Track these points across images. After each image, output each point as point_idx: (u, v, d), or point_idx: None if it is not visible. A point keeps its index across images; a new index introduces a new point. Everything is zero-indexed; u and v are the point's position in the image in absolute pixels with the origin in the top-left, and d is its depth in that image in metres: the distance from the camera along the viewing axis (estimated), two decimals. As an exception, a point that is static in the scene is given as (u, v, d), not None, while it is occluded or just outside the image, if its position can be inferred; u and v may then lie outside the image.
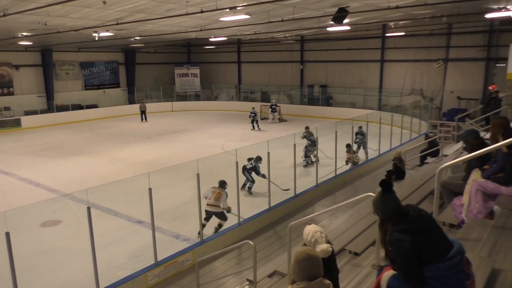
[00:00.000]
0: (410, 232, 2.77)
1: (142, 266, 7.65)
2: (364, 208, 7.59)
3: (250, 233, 9.45)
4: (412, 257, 2.73)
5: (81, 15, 14.35)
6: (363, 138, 15.82)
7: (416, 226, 2.79)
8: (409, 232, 2.77)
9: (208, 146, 18.93)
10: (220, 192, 9.54)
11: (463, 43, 23.31)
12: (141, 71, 34.86)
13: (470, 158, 4.71)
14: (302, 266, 2.66)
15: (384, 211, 2.97)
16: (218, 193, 9.52)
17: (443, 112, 23.93)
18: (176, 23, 17.90)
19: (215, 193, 9.51)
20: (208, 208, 9.43)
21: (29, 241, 9.44)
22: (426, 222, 2.83)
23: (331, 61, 29.79)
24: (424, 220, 2.83)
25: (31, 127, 25.56)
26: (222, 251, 7.87)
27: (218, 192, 9.53)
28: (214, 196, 9.47)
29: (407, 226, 2.79)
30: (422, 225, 2.80)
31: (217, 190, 9.56)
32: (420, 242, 2.73)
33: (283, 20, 16.04)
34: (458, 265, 2.71)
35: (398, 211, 2.90)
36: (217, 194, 9.49)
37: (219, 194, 9.51)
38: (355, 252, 5.41)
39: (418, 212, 2.86)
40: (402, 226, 2.81)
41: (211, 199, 9.45)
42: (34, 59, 28.41)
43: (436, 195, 4.44)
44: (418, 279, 2.74)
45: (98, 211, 10.56)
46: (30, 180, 14.35)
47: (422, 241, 2.74)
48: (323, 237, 3.67)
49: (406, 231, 2.78)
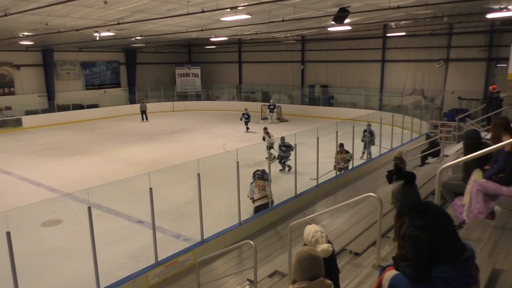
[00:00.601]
0: (427, 229, 2.74)
1: (142, 266, 7.65)
2: (365, 208, 7.58)
3: (251, 233, 9.43)
4: (425, 254, 2.71)
5: (82, 15, 14.35)
6: (370, 137, 15.82)
7: (433, 224, 2.76)
8: (426, 229, 2.74)
9: (209, 146, 18.93)
10: (264, 184, 9.68)
11: (464, 43, 23.29)
12: (142, 71, 34.88)
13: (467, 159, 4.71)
14: (303, 266, 2.65)
15: (403, 204, 2.94)
16: (263, 185, 9.66)
17: (444, 112, 23.90)
18: (177, 23, 17.90)
19: (259, 185, 9.62)
20: (260, 202, 9.56)
21: (30, 240, 9.44)
22: (444, 221, 2.81)
23: (332, 61, 29.78)
24: (443, 219, 2.81)
25: (32, 127, 25.59)
26: (222, 251, 7.86)
27: (263, 184, 9.67)
28: (261, 188, 9.57)
29: (425, 222, 2.76)
30: (439, 224, 2.78)
31: (260, 183, 9.69)
32: (436, 240, 2.71)
33: (284, 20, 16.03)
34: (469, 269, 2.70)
35: (417, 206, 2.86)
36: (263, 186, 9.62)
37: (264, 185, 9.64)
38: (356, 252, 5.41)
39: (437, 210, 2.83)
40: (419, 222, 2.78)
41: (260, 193, 9.53)
42: (35, 59, 28.44)
43: (436, 195, 4.43)
44: (426, 277, 2.73)
45: (98, 211, 10.56)
46: (31, 180, 14.36)
47: (437, 240, 2.72)
48: (324, 237, 3.67)
49: (423, 227, 2.75)
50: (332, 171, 13.07)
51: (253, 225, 9.72)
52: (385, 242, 5.23)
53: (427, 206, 2.87)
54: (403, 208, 2.93)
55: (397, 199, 2.98)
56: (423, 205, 2.89)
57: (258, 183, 9.78)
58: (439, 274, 2.69)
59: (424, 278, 2.73)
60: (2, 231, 5.51)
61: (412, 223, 2.80)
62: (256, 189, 9.66)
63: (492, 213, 4.82)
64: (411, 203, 2.89)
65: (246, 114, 23.33)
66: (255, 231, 9.61)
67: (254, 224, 9.76)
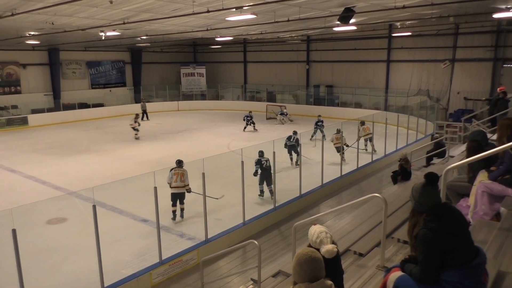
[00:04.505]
0: (442, 233, 2.70)
1: (146, 265, 7.68)
2: (369, 209, 7.56)
3: (255, 233, 9.45)
4: (437, 257, 2.68)
5: (88, 15, 14.41)
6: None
7: (449, 228, 2.72)
8: (441, 233, 2.70)
9: (213, 145, 18.96)
10: (182, 172, 10.05)
11: (470, 43, 23.15)
12: (147, 70, 34.98)
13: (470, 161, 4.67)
14: (304, 268, 2.63)
15: (420, 203, 2.88)
16: (181, 173, 10.02)
17: (450, 113, 23.78)
18: (182, 23, 17.93)
19: (178, 174, 9.99)
20: (175, 190, 9.98)
21: (35, 238, 9.49)
22: (460, 226, 2.77)
23: (337, 61, 29.71)
24: (459, 223, 2.76)
25: (38, 125, 25.73)
26: (226, 250, 7.87)
27: (181, 173, 10.02)
28: (179, 177, 9.95)
29: (440, 226, 2.72)
30: (455, 228, 2.73)
31: (179, 171, 10.04)
32: (450, 245, 2.67)
33: (289, 20, 16.03)
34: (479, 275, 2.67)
35: (435, 208, 2.81)
36: (181, 175, 9.98)
37: (182, 174, 10.01)
38: (360, 253, 5.39)
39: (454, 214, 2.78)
40: (434, 224, 2.73)
41: (177, 181, 9.93)
42: (41, 58, 28.59)
43: (442, 196, 4.41)
44: (434, 280, 2.71)
45: (103, 209, 10.60)
46: (37, 178, 14.44)
47: (451, 244, 2.68)
48: (328, 238, 3.66)
49: (438, 231, 2.71)
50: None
51: (257, 225, 9.74)
52: (390, 243, 5.21)
53: (444, 208, 2.80)
54: (419, 207, 2.88)
55: (414, 196, 2.92)
56: (440, 207, 2.83)
57: (177, 171, 10.09)
58: (447, 278, 2.66)
59: (432, 281, 2.70)
60: (7, 228, 5.55)
61: (427, 225, 2.75)
62: (174, 177, 10.00)
63: (498, 215, 4.79)
64: (428, 203, 2.83)
65: (248, 116, 23.32)
66: (259, 231, 9.63)
67: (258, 223, 9.78)
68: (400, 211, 6.86)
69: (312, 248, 2.95)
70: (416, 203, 2.91)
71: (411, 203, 3.00)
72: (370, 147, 16.03)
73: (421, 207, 2.87)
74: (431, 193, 2.87)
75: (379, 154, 15.81)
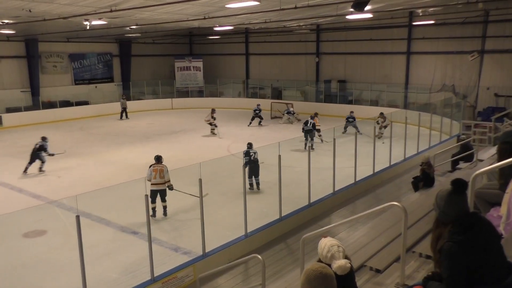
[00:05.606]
0: (470, 247, 2.67)
1: (137, 282, 7.68)
2: (387, 219, 7.55)
3: (258, 246, 9.45)
4: (463, 274, 2.65)
5: (70, 1, 14.42)
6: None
7: (477, 241, 2.69)
8: (469, 247, 2.67)
9: (212, 147, 18.98)
10: (161, 168, 10.60)
11: (501, 32, 23.12)
12: (138, 64, 35.08)
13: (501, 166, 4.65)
14: (313, 286, 2.61)
15: (446, 213, 2.86)
16: (161, 169, 10.56)
17: (478, 111, 23.76)
18: (177, 11, 17.95)
19: (157, 170, 10.53)
20: (155, 187, 10.47)
21: (9, 253, 9.52)
22: (490, 239, 2.74)
23: (350, 53, 29.75)
24: (489, 235, 2.74)
25: (13, 126, 25.78)
26: (226, 266, 7.88)
27: (160, 169, 10.57)
28: (158, 173, 10.46)
29: (468, 239, 2.69)
30: (484, 242, 2.70)
31: (158, 167, 10.59)
32: (478, 260, 2.65)
33: (297, 7, 16.00)
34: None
35: (462, 218, 2.79)
36: (160, 171, 10.51)
37: (161, 170, 10.55)
38: (377, 269, 5.38)
39: (484, 225, 2.75)
40: (461, 237, 2.70)
41: (156, 177, 10.44)
42: (17, 50, 28.67)
43: (470, 205, 4.39)
44: None
45: (88, 220, 10.61)
46: (12, 185, 14.47)
47: (480, 259, 2.65)
48: (341, 252, 3.66)
49: (466, 245, 2.68)
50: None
51: (261, 237, 9.74)
52: (411, 258, 5.20)
53: (472, 219, 2.77)
54: (443, 217, 2.85)
55: (438, 205, 2.89)
56: (468, 217, 2.79)
57: (156, 167, 10.62)
58: None
59: None
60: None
61: (452, 238, 2.72)
62: (153, 173, 10.54)
63: (533, 226, 4.76)
64: (454, 213, 2.80)
65: (257, 110, 24.15)
66: (263, 244, 9.63)
67: (262, 236, 9.77)
68: (422, 221, 6.84)
69: (322, 264, 2.94)
70: (440, 212, 2.89)
71: (435, 212, 2.98)
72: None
73: (446, 217, 2.85)
74: (457, 202, 2.84)
75: (399, 157, 15.74)
